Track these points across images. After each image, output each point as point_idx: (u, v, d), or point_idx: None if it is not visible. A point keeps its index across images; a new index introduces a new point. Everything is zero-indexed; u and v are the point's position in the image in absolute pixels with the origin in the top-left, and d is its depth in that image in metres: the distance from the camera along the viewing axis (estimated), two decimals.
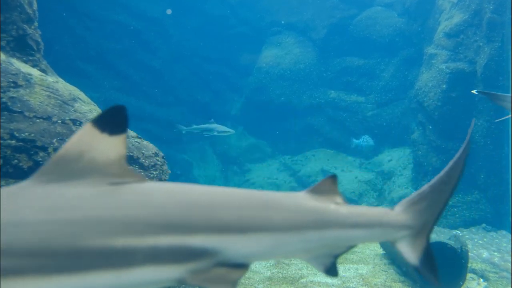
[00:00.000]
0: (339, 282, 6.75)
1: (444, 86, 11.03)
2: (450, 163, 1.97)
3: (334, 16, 16.33)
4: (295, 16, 17.05)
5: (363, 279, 6.93)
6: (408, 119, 14.07)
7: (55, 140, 3.69)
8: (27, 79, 3.90)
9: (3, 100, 3.57)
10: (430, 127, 11.47)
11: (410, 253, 1.94)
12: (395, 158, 13.64)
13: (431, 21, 13.19)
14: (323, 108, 16.07)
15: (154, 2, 15.99)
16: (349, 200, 12.87)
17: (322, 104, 16.09)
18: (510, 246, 8.50)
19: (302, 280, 6.81)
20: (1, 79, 3.64)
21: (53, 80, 4.30)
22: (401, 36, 15.07)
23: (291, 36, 17.01)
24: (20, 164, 3.44)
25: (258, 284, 6.62)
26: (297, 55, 16.53)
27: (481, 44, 10.57)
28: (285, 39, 17.04)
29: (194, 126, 12.45)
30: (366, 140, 14.02)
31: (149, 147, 4.60)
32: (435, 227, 9.67)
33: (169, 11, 15.77)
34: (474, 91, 6.14)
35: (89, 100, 4.76)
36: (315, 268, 1.84)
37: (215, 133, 11.96)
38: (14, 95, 3.66)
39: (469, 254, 6.62)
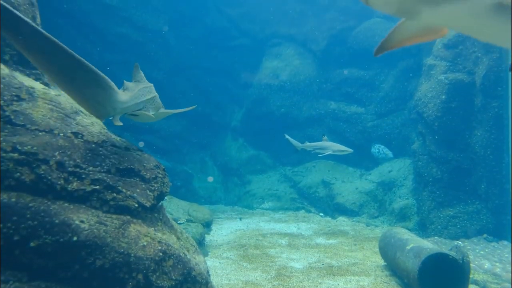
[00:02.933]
0: None
1: (443, 96, 11.08)
2: None
3: (333, 27, 16.45)
4: (295, 27, 17.18)
5: None
6: (408, 130, 14.10)
7: (57, 153, 3.71)
8: (30, 92, 3.93)
9: (6, 113, 3.60)
10: (430, 137, 11.50)
11: None
12: (396, 169, 13.66)
13: None
14: (323, 119, 16.13)
15: (156, 15, 16.13)
16: (350, 211, 12.90)
17: (322, 115, 16.15)
18: (511, 256, 8.48)
19: None
20: (5, 92, 3.68)
21: (56, 93, 4.33)
22: (400, 47, 15.12)
23: (291, 48, 17.12)
24: (22, 177, 3.46)
25: None
26: (297, 67, 16.62)
27: (479, 55, 10.63)
28: (285, 51, 17.15)
29: (308, 144, 11.40)
30: (383, 152, 13.67)
31: (150, 160, 4.61)
32: (436, 238, 9.64)
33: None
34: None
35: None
36: None
37: (330, 152, 10.61)
38: (17, 109, 3.69)
39: (471, 264, 6.60)
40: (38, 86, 4.18)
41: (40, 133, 3.72)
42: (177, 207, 10.79)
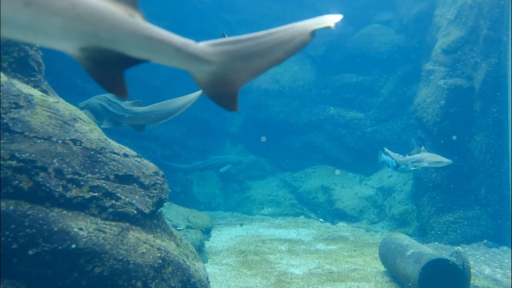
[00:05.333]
0: None
1: (442, 102, 11.08)
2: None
3: (332, 33, 16.45)
4: None
5: None
6: (407, 135, 14.09)
7: (55, 160, 3.70)
8: (29, 100, 3.93)
9: (5, 121, 3.59)
10: (430, 142, 11.48)
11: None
12: (395, 174, 13.63)
13: (429, 37, 13.31)
14: (323, 125, 16.12)
15: (154, 21, 16.09)
16: (350, 217, 12.86)
17: (321, 120, 16.15)
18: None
19: None
20: (3, 100, 3.67)
21: (54, 100, 4.33)
22: (399, 53, 15.19)
23: None
24: (21, 185, 3.45)
25: None
26: (296, 72, 16.64)
27: (478, 60, 10.65)
28: None
29: (407, 157, 10.20)
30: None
31: (149, 166, 4.61)
32: (436, 243, 9.60)
33: None
34: None
35: (90, 119, 4.79)
36: None
37: (426, 165, 9.54)
38: (15, 116, 3.68)
39: (471, 270, 6.58)
40: (36, 93, 4.18)
41: (39, 140, 3.71)
42: (176, 213, 10.76)
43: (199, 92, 6.89)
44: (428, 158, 9.44)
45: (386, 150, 10.67)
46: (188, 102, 7.01)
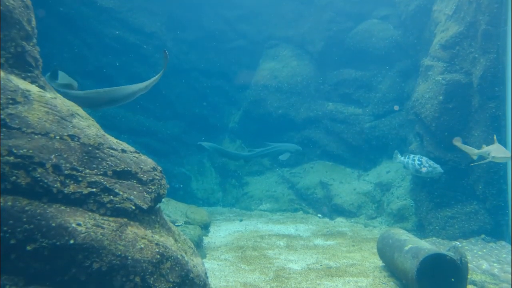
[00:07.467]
0: None
1: (440, 97, 11.08)
2: None
3: (330, 29, 16.45)
4: (292, 29, 17.18)
5: None
6: (405, 131, 14.09)
7: (53, 156, 3.69)
8: (26, 95, 3.92)
9: (2, 117, 3.58)
10: (428, 138, 11.50)
11: None
12: (393, 170, 13.66)
13: (427, 33, 13.30)
14: (321, 120, 16.11)
15: (152, 17, 16.10)
16: (348, 212, 12.89)
17: (319, 116, 16.14)
18: (510, 257, 8.48)
19: None
20: (0, 96, 3.66)
21: (52, 96, 4.32)
22: (397, 48, 15.16)
23: (289, 49, 17.12)
24: (18, 180, 3.45)
25: None
26: (294, 68, 16.62)
27: (476, 55, 10.63)
28: (282, 52, 17.15)
29: (479, 150, 8.98)
30: (427, 164, 10.65)
31: (147, 162, 4.60)
32: (434, 238, 9.58)
33: None
34: None
35: (87, 115, 4.79)
36: None
37: (490, 159, 8.34)
38: (12, 112, 3.68)
39: (469, 265, 6.60)
40: (33, 89, 4.17)
41: (36, 136, 3.70)
42: (175, 209, 10.77)
43: (145, 83, 7.68)
44: (489, 150, 8.43)
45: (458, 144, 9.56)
46: (133, 93, 7.27)
